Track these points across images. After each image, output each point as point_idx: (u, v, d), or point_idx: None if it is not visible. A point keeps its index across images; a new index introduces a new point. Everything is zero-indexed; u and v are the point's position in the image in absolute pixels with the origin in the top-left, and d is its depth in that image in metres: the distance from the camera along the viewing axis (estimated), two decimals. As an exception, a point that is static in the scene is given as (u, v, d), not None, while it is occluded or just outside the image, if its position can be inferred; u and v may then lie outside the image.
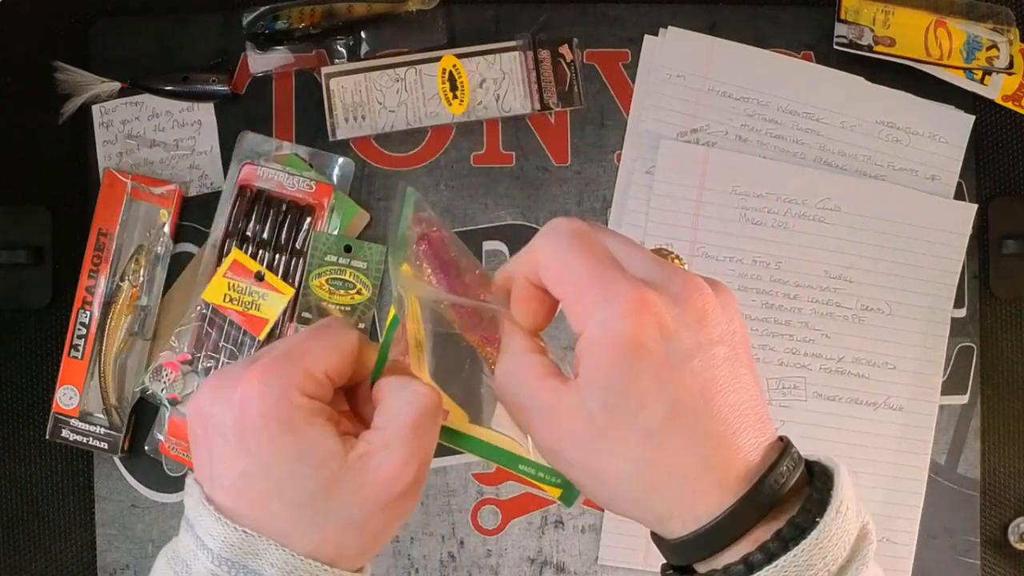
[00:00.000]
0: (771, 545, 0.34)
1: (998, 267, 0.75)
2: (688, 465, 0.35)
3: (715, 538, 0.35)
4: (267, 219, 0.71)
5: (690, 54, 0.74)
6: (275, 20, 0.72)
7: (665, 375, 0.34)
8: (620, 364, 0.34)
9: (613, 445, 0.35)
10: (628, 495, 0.36)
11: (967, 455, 0.75)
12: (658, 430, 0.34)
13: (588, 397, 0.35)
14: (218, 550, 0.37)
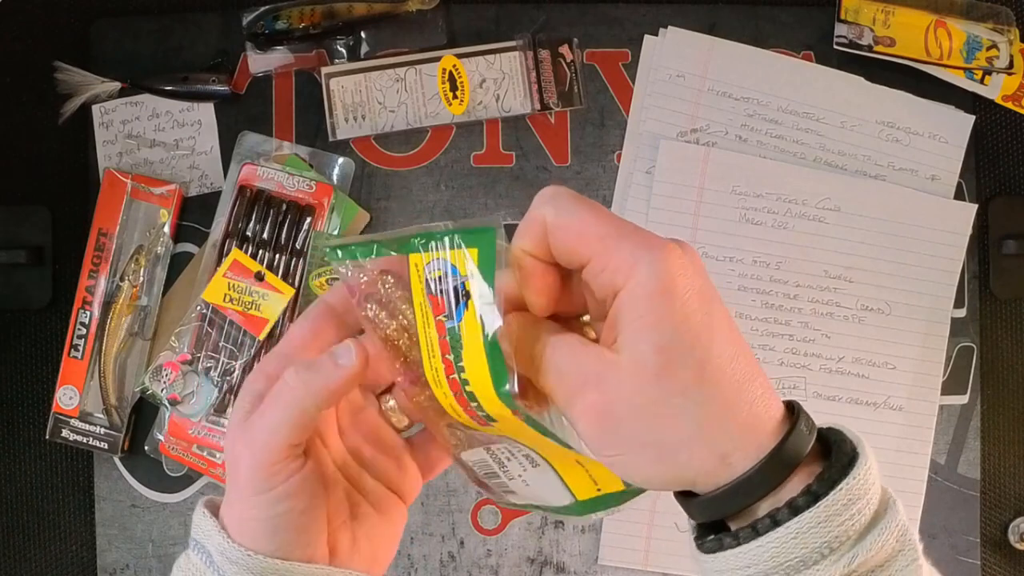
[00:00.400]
0: (821, 481, 0.34)
1: (998, 267, 0.75)
2: (743, 397, 0.35)
3: (777, 470, 0.35)
4: (267, 219, 0.71)
5: (690, 54, 0.74)
6: (275, 20, 0.72)
7: (706, 312, 0.35)
8: (670, 305, 0.34)
9: (671, 384, 0.35)
10: (689, 434, 0.35)
11: (967, 455, 0.75)
12: (711, 365, 0.35)
13: (641, 345, 0.35)
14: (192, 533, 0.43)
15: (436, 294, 0.38)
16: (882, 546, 0.35)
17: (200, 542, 0.43)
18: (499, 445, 0.40)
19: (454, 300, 0.37)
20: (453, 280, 0.37)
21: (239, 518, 0.41)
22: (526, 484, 0.41)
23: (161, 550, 0.73)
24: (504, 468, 0.41)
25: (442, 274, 0.38)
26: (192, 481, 0.73)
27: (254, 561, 0.41)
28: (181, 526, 0.73)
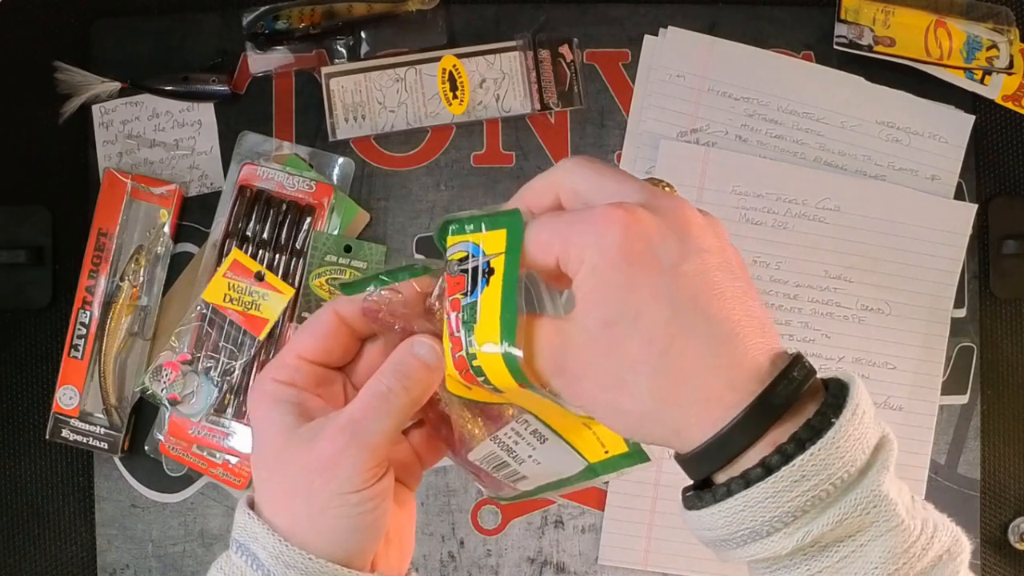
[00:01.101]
0: (787, 447, 0.34)
1: (998, 267, 0.75)
2: (697, 368, 0.35)
3: (733, 441, 0.34)
4: (267, 219, 0.71)
5: (690, 54, 0.74)
6: (275, 20, 0.72)
7: (658, 280, 0.34)
8: (612, 276, 0.34)
9: (621, 360, 0.35)
10: (645, 410, 0.35)
11: (967, 455, 0.75)
12: (661, 336, 0.34)
13: (588, 318, 0.35)
14: (234, 534, 0.43)
15: (455, 274, 0.39)
16: (841, 520, 0.34)
17: (245, 544, 0.42)
18: (505, 429, 0.41)
19: (475, 278, 0.39)
20: (474, 261, 0.39)
21: (315, 520, 0.40)
22: (537, 463, 0.42)
23: (161, 550, 0.73)
24: (513, 454, 0.42)
25: (465, 255, 0.39)
26: (192, 481, 0.73)
27: (314, 565, 0.40)
28: (181, 526, 0.73)
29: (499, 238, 0.39)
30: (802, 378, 0.35)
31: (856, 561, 0.35)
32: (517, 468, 0.43)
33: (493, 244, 0.39)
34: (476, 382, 0.38)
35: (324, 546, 0.40)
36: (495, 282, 0.38)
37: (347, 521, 0.40)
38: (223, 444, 0.71)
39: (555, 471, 0.43)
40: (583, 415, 0.39)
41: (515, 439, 0.41)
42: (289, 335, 0.72)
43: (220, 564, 0.44)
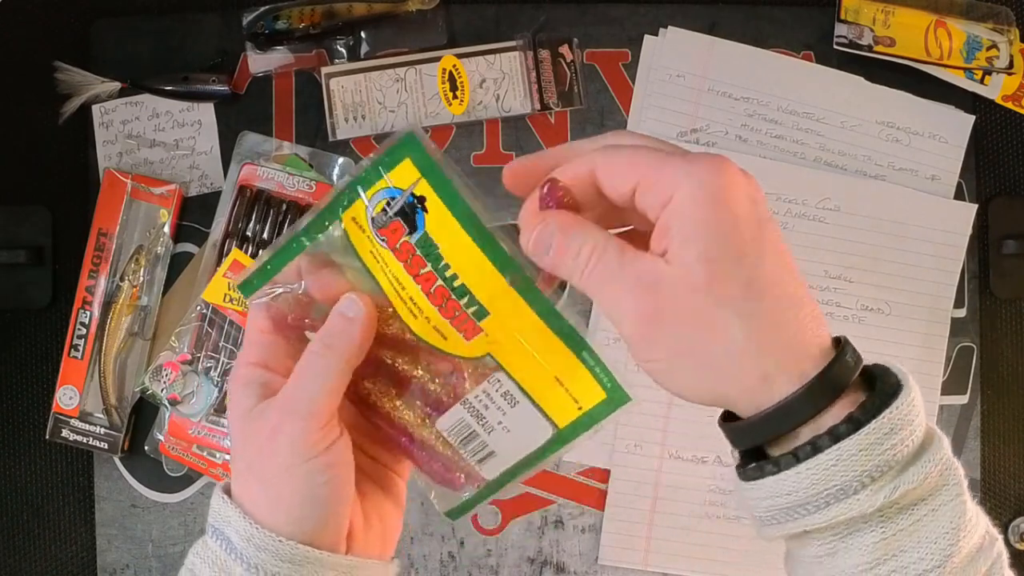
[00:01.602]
0: (870, 403, 0.34)
1: (998, 267, 0.75)
2: (788, 319, 0.35)
3: (820, 395, 0.35)
4: (267, 219, 0.71)
5: (690, 54, 0.74)
6: (275, 20, 0.72)
7: (756, 228, 0.35)
8: (718, 214, 0.34)
9: (719, 298, 0.35)
10: (736, 352, 0.35)
11: (967, 455, 0.75)
12: (759, 280, 0.35)
13: (688, 254, 0.34)
14: (209, 519, 0.43)
15: (385, 226, 0.39)
16: (925, 478, 0.35)
17: (219, 528, 0.42)
18: (476, 391, 0.41)
19: (408, 214, 0.39)
20: (395, 203, 0.39)
21: (273, 497, 0.41)
22: (507, 432, 0.42)
23: (161, 550, 0.73)
24: (483, 420, 0.41)
25: (386, 202, 0.39)
26: (192, 481, 0.73)
27: (284, 547, 0.40)
28: (181, 526, 0.73)
29: (407, 169, 0.39)
30: (856, 353, 0.36)
31: (928, 525, 0.35)
32: (486, 440, 0.42)
33: (404, 177, 0.39)
34: (459, 314, 0.39)
35: (286, 524, 0.41)
36: (434, 202, 0.39)
37: (300, 494, 0.40)
38: (223, 444, 0.71)
39: (524, 443, 0.42)
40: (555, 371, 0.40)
41: (486, 403, 0.41)
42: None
43: (197, 549, 0.44)
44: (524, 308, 0.39)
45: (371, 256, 0.41)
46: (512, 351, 0.40)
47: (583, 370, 0.40)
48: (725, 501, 0.73)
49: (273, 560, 0.41)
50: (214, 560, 0.42)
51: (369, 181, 0.40)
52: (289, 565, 0.41)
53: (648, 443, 0.73)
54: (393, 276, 0.40)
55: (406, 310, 0.41)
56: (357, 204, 0.40)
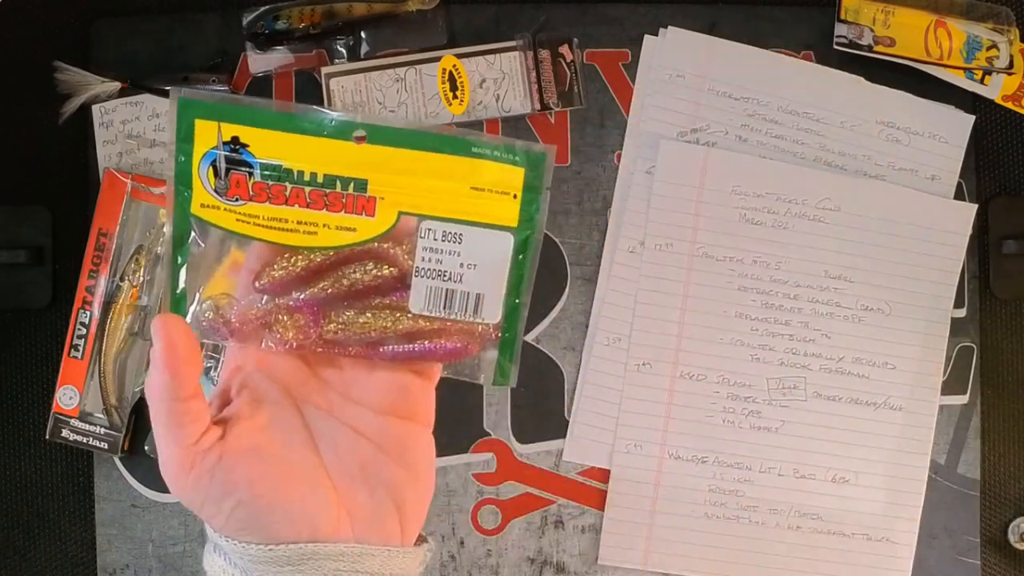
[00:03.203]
0: None
1: (998, 267, 0.75)
2: None
3: None
4: (267, 219, 0.71)
5: (690, 54, 0.74)
6: (275, 20, 0.72)
7: None
8: None
9: None
10: None
11: (967, 455, 0.75)
12: None
13: None
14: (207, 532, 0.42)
15: (228, 186, 0.40)
16: None
17: (216, 543, 0.41)
18: (420, 254, 0.40)
19: (236, 160, 0.39)
20: (219, 159, 0.40)
21: (225, 514, 0.40)
22: (473, 267, 0.41)
23: (161, 550, 0.73)
24: (444, 274, 0.41)
25: (212, 168, 0.40)
26: (192, 481, 0.73)
27: (274, 553, 0.39)
28: (181, 526, 0.73)
29: (203, 127, 0.39)
30: None
31: None
32: (463, 287, 0.41)
33: (206, 136, 0.40)
34: (340, 195, 0.39)
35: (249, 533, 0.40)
36: (244, 132, 0.39)
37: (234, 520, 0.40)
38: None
39: (496, 265, 0.41)
40: (467, 177, 0.39)
41: (435, 257, 0.40)
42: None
43: (207, 561, 0.43)
44: (388, 151, 0.38)
45: (239, 222, 0.40)
46: (415, 195, 0.39)
47: (485, 163, 0.39)
48: (725, 501, 0.73)
49: (272, 568, 0.40)
50: (220, 574, 0.41)
51: (184, 165, 0.40)
52: (289, 568, 0.40)
53: (648, 443, 0.73)
54: (269, 219, 0.39)
55: (302, 235, 0.40)
56: (195, 190, 0.40)
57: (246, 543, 0.40)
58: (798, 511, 0.74)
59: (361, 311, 0.41)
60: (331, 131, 0.38)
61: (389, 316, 0.41)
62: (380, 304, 0.41)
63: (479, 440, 0.74)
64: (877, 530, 0.74)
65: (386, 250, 0.40)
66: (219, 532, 0.40)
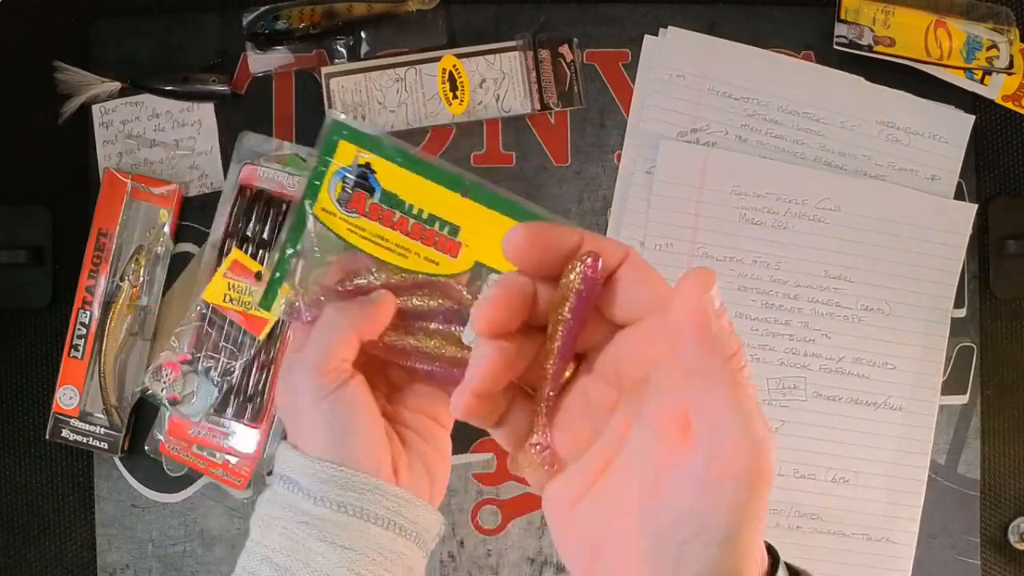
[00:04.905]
0: None
1: (998, 267, 0.75)
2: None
3: None
4: (267, 219, 0.71)
5: (690, 54, 0.74)
6: (275, 20, 0.72)
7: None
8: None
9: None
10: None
11: (967, 455, 0.75)
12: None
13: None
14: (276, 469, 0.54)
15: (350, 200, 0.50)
16: None
17: (284, 474, 0.52)
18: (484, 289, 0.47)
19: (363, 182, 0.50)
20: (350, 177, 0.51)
21: (308, 433, 0.52)
22: None
23: (161, 550, 0.73)
24: None
25: (342, 182, 0.51)
26: (192, 481, 0.73)
27: (345, 475, 0.50)
28: (181, 526, 0.73)
29: (344, 148, 0.49)
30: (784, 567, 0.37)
31: None
32: None
33: (346, 156, 0.50)
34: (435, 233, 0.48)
35: (326, 454, 0.51)
36: (377, 162, 0.49)
37: (328, 431, 0.51)
38: (223, 444, 0.71)
39: None
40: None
41: None
42: (289, 336, 0.72)
43: (266, 497, 0.53)
44: (482, 211, 0.47)
45: (349, 232, 0.50)
46: (492, 251, 0.48)
47: None
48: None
49: (336, 490, 0.50)
50: (284, 501, 0.51)
51: (320, 173, 0.49)
52: (352, 494, 0.50)
53: (648, 443, 0.73)
54: (374, 236, 0.49)
55: (396, 255, 0.50)
56: (321, 196, 0.49)
57: (324, 463, 0.50)
58: (798, 511, 0.74)
59: (418, 330, 0.50)
60: (445, 181, 0.49)
61: (440, 340, 0.50)
62: (436, 329, 0.50)
63: (479, 440, 0.74)
64: (877, 530, 0.74)
65: (455, 287, 0.48)
66: (302, 446, 0.52)
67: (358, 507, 0.50)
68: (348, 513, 0.50)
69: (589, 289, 0.35)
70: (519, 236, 0.35)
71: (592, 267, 0.35)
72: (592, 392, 0.37)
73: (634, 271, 0.36)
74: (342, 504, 0.50)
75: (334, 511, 0.50)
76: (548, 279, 0.36)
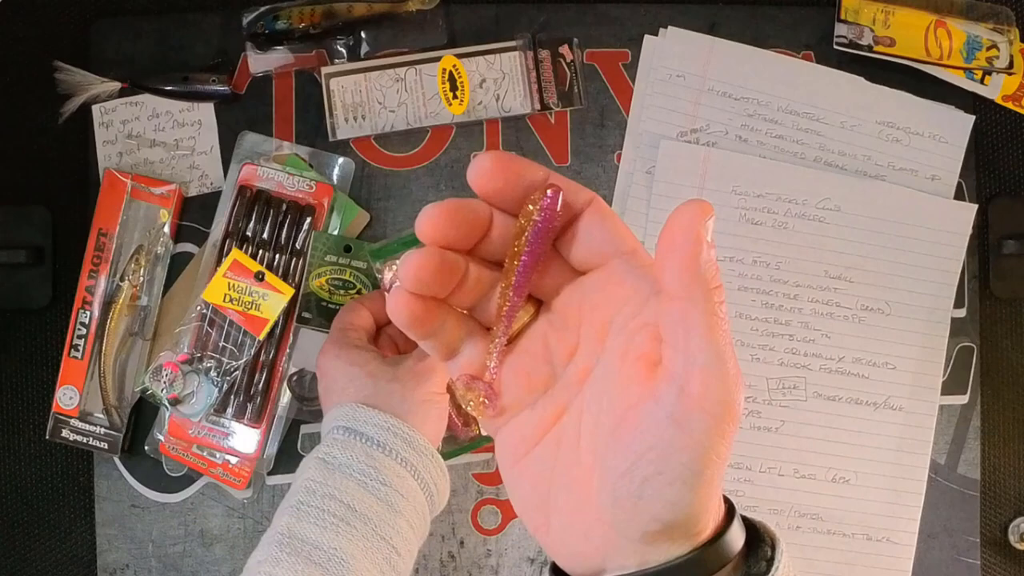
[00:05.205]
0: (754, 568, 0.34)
1: (998, 267, 0.75)
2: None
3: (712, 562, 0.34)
4: (267, 219, 0.71)
5: (690, 54, 0.74)
6: (275, 20, 0.72)
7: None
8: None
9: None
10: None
11: (967, 455, 0.75)
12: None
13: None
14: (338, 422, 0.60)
15: None
16: None
17: (351, 427, 0.59)
18: None
19: None
20: None
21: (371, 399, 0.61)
22: None
23: (161, 550, 0.73)
24: None
25: None
26: (192, 481, 0.73)
27: (413, 436, 0.59)
28: (181, 526, 0.73)
29: None
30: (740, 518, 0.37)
31: None
32: None
33: None
34: None
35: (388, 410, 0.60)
36: None
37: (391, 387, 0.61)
38: (223, 444, 0.71)
39: None
40: None
41: None
42: (289, 336, 0.72)
43: (321, 449, 0.59)
44: None
45: None
46: None
47: None
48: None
49: (404, 446, 0.58)
50: (347, 446, 0.58)
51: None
52: (415, 453, 0.58)
53: (648, 443, 0.73)
54: None
55: None
56: None
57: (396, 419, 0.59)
58: (798, 511, 0.74)
59: None
60: None
61: None
62: None
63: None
64: (877, 530, 0.74)
65: None
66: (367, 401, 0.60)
67: (415, 467, 0.59)
68: (408, 471, 0.58)
69: (546, 222, 0.34)
70: (486, 160, 0.34)
71: (552, 200, 0.34)
72: (551, 338, 0.37)
73: (599, 215, 0.35)
74: (405, 460, 0.58)
75: (398, 463, 0.58)
76: (508, 211, 0.35)
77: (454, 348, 0.37)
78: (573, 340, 0.36)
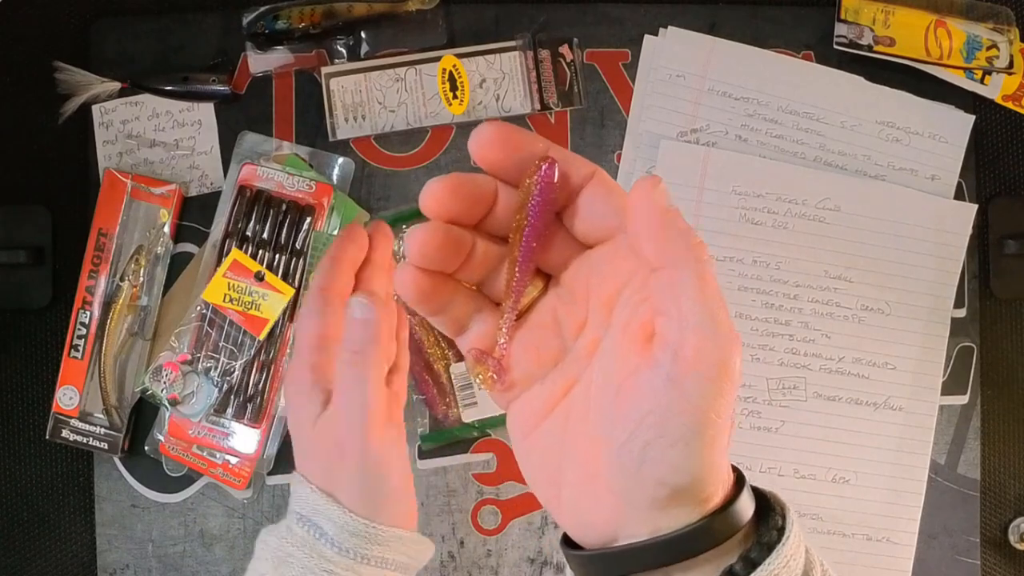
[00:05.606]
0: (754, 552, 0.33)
1: (998, 267, 0.75)
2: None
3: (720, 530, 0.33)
4: (267, 219, 0.71)
5: (690, 54, 0.74)
6: (275, 20, 0.72)
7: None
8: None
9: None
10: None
11: (967, 455, 0.75)
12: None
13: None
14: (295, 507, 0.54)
15: None
16: None
17: (307, 516, 0.51)
18: None
19: None
20: None
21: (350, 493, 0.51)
22: None
23: (161, 550, 0.73)
24: None
25: None
26: (192, 481, 0.73)
27: (377, 531, 0.50)
28: (181, 526, 0.73)
29: None
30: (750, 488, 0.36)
31: None
32: (477, 394, 0.65)
33: None
34: None
35: (363, 510, 0.51)
36: None
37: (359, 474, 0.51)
38: (223, 444, 0.71)
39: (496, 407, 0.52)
40: None
41: None
42: (289, 335, 0.72)
43: (280, 533, 0.52)
44: None
45: None
46: None
47: None
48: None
49: (365, 544, 0.51)
50: (304, 544, 0.51)
51: None
52: (379, 547, 0.51)
53: (648, 443, 0.73)
54: None
55: None
56: None
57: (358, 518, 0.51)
58: (798, 511, 0.73)
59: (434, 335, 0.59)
60: None
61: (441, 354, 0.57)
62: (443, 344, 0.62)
63: (479, 440, 0.74)
64: (877, 530, 0.74)
65: None
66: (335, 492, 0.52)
67: (380, 558, 0.52)
68: (370, 564, 0.51)
69: (545, 194, 0.34)
70: (486, 131, 0.34)
71: (548, 171, 0.34)
72: (561, 311, 0.37)
73: (602, 188, 0.35)
74: (365, 556, 0.51)
75: (356, 561, 0.51)
76: (511, 183, 0.35)
77: (463, 324, 0.37)
78: (582, 314, 0.36)
